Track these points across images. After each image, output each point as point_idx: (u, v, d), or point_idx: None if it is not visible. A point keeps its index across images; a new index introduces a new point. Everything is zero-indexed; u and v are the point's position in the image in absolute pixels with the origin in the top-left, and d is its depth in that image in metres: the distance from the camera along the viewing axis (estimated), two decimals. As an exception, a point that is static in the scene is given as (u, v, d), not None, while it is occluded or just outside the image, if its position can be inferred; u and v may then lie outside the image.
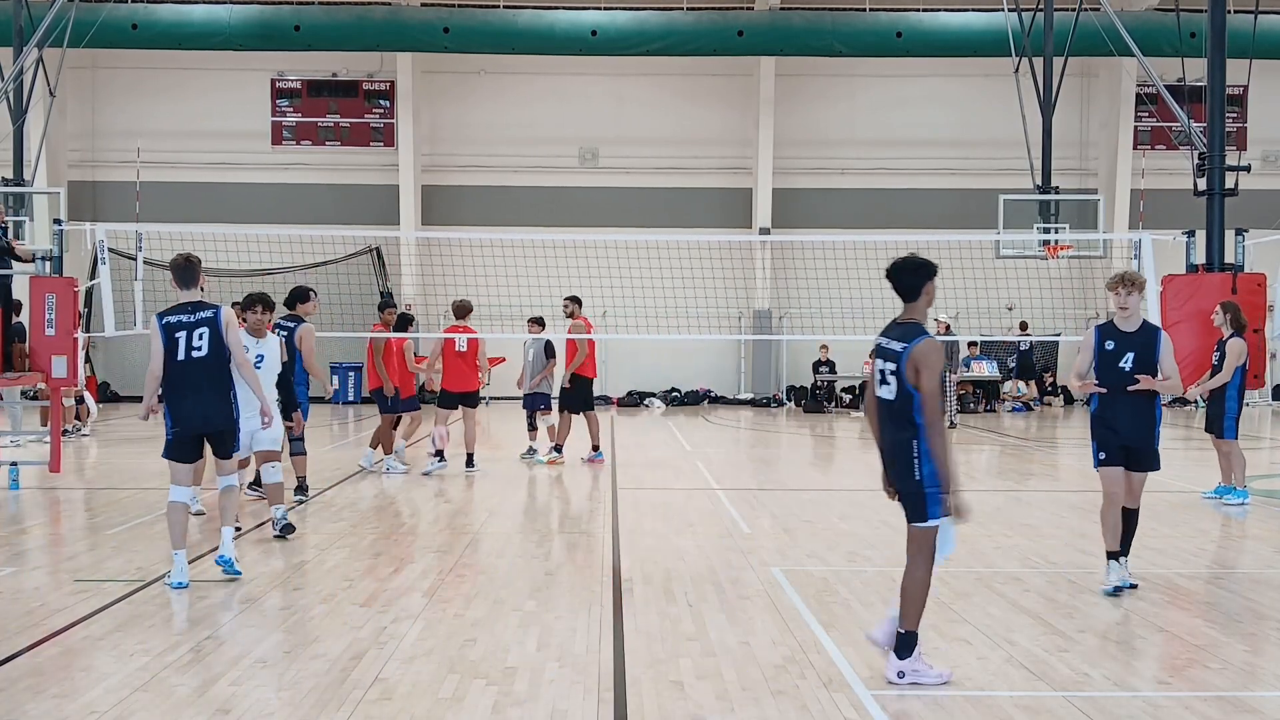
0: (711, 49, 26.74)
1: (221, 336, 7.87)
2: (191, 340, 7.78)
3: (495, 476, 14.07)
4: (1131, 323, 7.90)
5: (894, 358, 5.92)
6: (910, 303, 6.09)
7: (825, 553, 9.32)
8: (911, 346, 5.86)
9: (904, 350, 5.88)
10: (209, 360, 7.82)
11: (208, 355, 7.81)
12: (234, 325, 8.04)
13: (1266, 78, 24.62)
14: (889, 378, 5.95)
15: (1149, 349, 7.82)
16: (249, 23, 25.73)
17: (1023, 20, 24.03)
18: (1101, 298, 28.93)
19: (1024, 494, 13.13)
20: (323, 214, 28.71)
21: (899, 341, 5.95)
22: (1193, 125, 15.91)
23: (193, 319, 7.83)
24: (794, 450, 18.95)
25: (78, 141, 29.50)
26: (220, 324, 7.87)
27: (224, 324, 7.90)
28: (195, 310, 7.87)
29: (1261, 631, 6.99)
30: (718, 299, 26.11)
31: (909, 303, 6.09)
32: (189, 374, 7.79)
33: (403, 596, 7.64)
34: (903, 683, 5.79)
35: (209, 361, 7.82)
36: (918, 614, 5.87)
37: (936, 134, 29.61)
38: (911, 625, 5.85)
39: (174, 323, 7.81)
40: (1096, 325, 8.15)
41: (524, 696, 5.62)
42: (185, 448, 7.91)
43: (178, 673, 5.93)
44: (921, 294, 6.07)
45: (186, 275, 7.96)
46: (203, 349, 7.79)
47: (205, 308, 7.91)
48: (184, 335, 7.78)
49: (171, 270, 8.01)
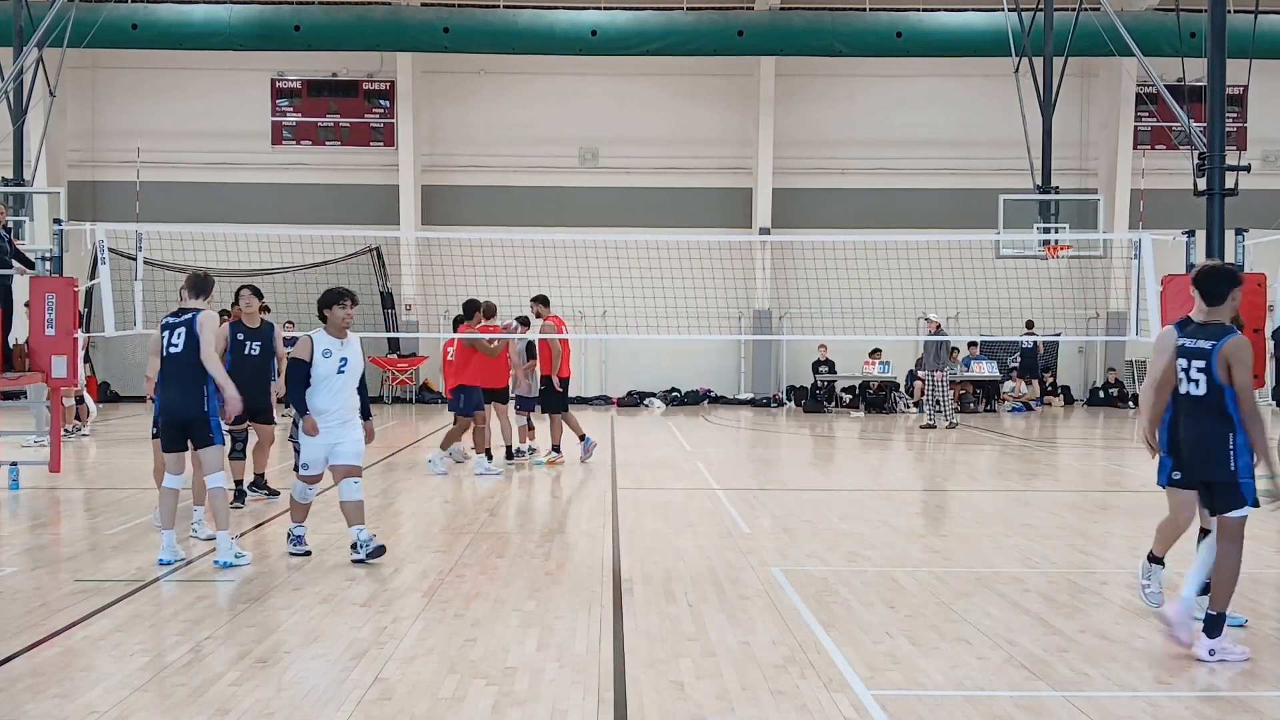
0: (711, 49, 26.73)
1: (196, 335, 8.53)
2: (171, 338, 8.64)
3: (495, 476, 14.06)
4: None
5: (1203, 355, 6.34)
6: (1214, 306, 6.52)
7: (825, 553, 9.32)
8: (1221, 344, 6.28)
9: (1213, 348, 6.29)
10: (182, 355, 8.56)
11: (181, 351, 8.56)
12: (208, 325, 8.60)
13: (1266, 78, 24.60)
14: (1196, 374, 6.36)
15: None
16: (249, 23, 25.72)
17: (1023, 20, 24.02)
18: (1101, 298, 28.97)
19: (1024, 494, 13.13)
20: (323, 214, 28.71)
21: (1207, 340, 6.37)
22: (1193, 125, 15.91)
23: (177, 320, 8.68)
24: (794, 450, 18.95)
25: (78, 141, 29.50)
26: (195, 324, 8.56)
27: (198, 324, 8.56)
28: (181, 313, 8.73)
29: (1261, 631, 6.99)
30: (718, 299, 26.10)
31: (1213, 306, 6.52)
32: (167, 368, 8.71)
33: (403, 596, 7.65)
34: (1212, 660, 6.21)
35: (182, 357, 8.56)
36: (1228, 597, 6.36)
37: (936, 134, 29.60)
38: (1222, 607, 6.32)
39: (165, 324, 8.77)
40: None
41: (524, 696, 5.62)
42: (167, 435, 8.76)
43: (178, 673, 5.93)
44: (1227, 299, 6.51)
45: (197, 287, 8.96)
46: (179, 345, 8.58)
47: (188, 311, 8.71)
48: (168, 334, 8.66)
49: (186, 280, 8.99)
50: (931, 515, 11.81)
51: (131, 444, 17.51)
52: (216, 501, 8.61)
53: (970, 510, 11.94)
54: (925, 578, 8.33)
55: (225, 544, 8.52)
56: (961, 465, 16.48)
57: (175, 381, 8.63)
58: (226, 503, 8.77)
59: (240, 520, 10.41)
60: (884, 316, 24.18)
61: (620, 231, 25.62)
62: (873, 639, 6.67)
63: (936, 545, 9.72)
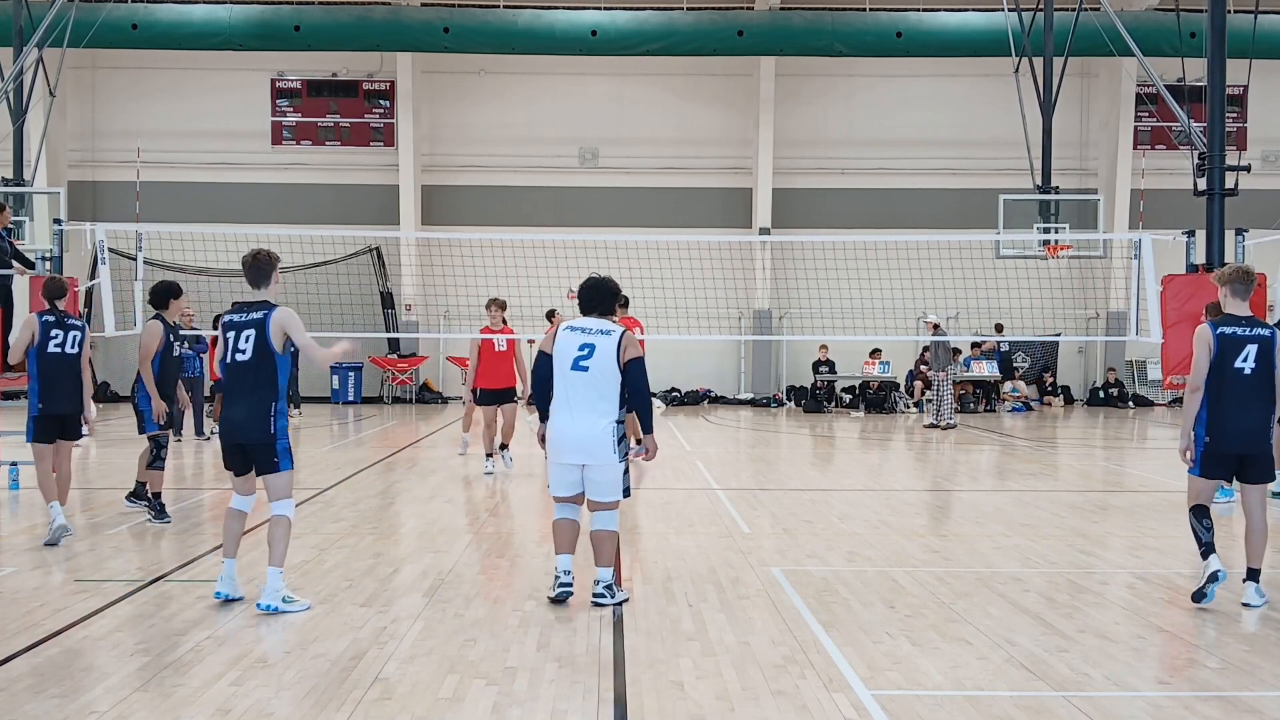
0: (711, 49, 26.75)
1: (266, 338, 7.17)
2: (237, 342, 7.25)
3: (495, 476, 14.07)
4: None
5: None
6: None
7: (825, 553, 9.32)
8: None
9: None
10: (250, 362, 7.22)
11: (250, 358, 7.22)
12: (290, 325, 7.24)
13: (1266, 78, 24.63)
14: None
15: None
16: (249, 23, 25.74)
17: (1022, 20, 24.03)
18: (1101, 298, 28.98)
19: (1024, 494, 13.12)
20: (323, 214, 28.74)
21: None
22: (1193, 125, 15.91)
23: (243, 319, 7.27)
24: (794, 450, 18.94)
25: (78, 141, 29.52)
26: (267, 326, 7.17)
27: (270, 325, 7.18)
28: (248, 310, 7.31)
29: (1261, 631, 6.99)
30: (718, 299, 26.10)
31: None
32: (228, 378, 7.35)
33: (403, 596, 7.64)
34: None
35: (250, 364, 7.22)
36: None
37: (936, 134, 29.62)
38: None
39: (226, 322, 7.37)
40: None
41: (524, 696, 5.61)
42: (231, 458, 7.40)
43: (178, 673, 5.92)
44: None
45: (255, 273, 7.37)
46: (246, 351, 7.21)
47: (257, 308, 7.28)
48: (232, 336, 7.26)
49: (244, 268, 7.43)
50: (931, 515, 11.80)
51: (132, 444, 17.48)
52: (278, 529, 7.25)
53: (970, 510, 11.94)
54: (925, 578, 8.33)
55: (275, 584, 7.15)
56: (961, 465, 16.48)
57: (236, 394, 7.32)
58: (284, 534, 7.28)
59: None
60: (884, 317, 24.21)
61: (620, 231, 25.63)
62: (873, 639, 6.66)
63: (936, 545, 9.72)
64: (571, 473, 7.40)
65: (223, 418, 7.51)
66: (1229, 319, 7.58)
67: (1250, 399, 7.43)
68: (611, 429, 7.30)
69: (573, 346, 7.35)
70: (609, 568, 7.42)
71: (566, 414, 7.35)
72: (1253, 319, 7.59)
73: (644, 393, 7.51)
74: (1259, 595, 7.46)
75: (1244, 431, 7.44)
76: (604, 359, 7.30)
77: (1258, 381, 7.45)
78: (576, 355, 7.33)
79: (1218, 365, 7.45)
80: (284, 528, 7.21)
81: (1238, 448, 7.47)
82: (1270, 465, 7.60)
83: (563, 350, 7.38)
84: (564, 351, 7.38)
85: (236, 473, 7.42)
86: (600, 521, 7.42)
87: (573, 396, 7.33)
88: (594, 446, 7.29)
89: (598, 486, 7.38)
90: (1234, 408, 7.43)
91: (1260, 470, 7.53)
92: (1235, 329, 7.50)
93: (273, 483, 7.25)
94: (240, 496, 7.45)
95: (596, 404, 7.30)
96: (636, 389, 7.42)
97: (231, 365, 7.27)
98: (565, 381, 7.36)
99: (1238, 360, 7.43)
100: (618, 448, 7.32)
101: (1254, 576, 7.51)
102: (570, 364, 7.34)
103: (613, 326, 7.46)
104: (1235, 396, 7.42)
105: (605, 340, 7.34)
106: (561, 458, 7.38)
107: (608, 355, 7.31)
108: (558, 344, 7.41)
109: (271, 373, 7.21)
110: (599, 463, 7.30)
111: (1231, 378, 7.43)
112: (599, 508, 7.42)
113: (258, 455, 7.25)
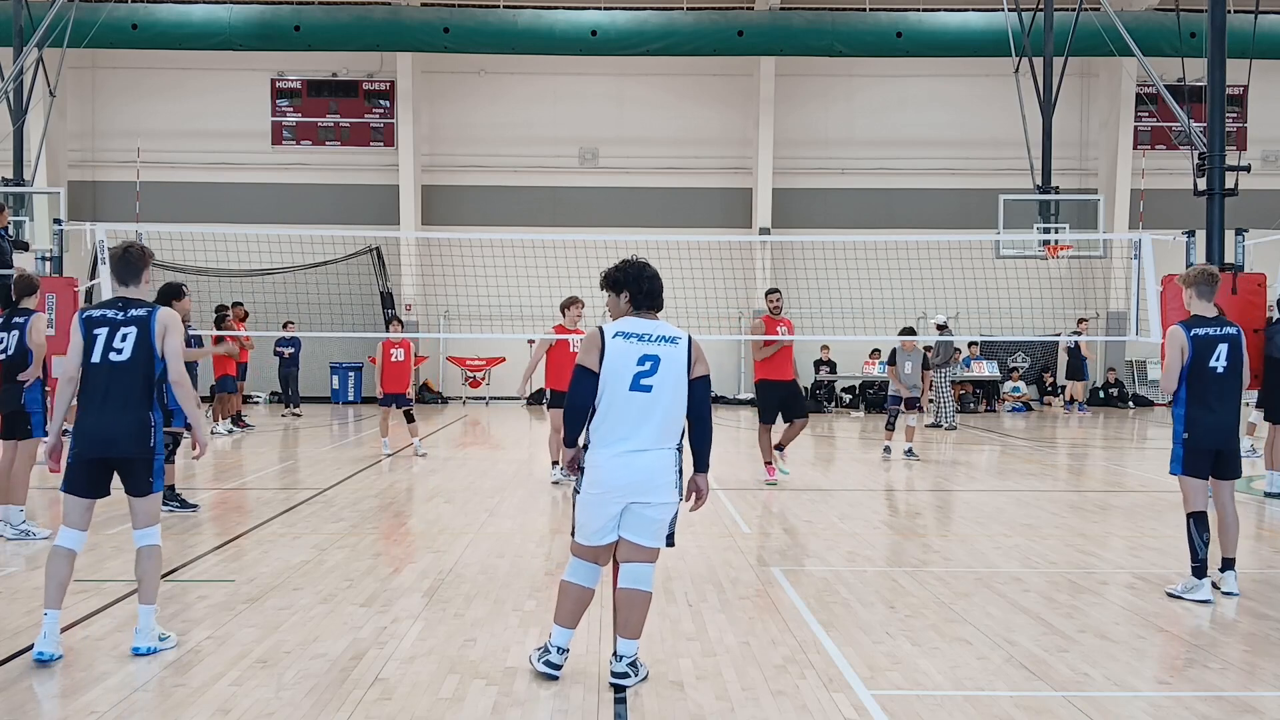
0: (711, 49, 26.75)
1: (150, 338, 6.32)
2: (111, 341, 6.32)
3: (495, 476, 14.07)
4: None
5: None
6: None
7: (825, 553, 9.32)
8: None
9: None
10: (128, 364, 6.30)
11: (128, 359, 6.31)
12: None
13: (1266, 78, 24.63)
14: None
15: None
16: (249, 23, 25.74)
17: (1022, 20, 24.02)
18: (1101, 298, 28.98)
19: (1024, 494, 13.13)
20: (323, 214, 28.74)
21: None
22: (1193, 125, 15.90)
23: (120, 315, 6.39)
24: (794, 450, 18.91)
25: (78, 141, 29.52)
26: (152, 325, 6.33)
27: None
28: (125, 306, 6.46)
29: (1261, 631, 6.99)
30: (718, 299, 26.09)
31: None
32: (95, 381, 6.31)
33: (403, 596, 7.64)
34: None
35: (127, 366, 6.30)
36: None
37: (936, 134, 29.63)
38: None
39: (95, 317, 6.36)
40: None
41: (524, 696, 5.61)
42: (86, 477, 6.31)
43: (178, 673, 5.92)
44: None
45: (125, 268, 6.60)
46: (124, 351, 6.30)
47: (135, 305, 6.44)
48: (104, 333, 6.32)
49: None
50: (931, 515, 11.80)
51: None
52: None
53: (970, 510, 11.95)
54: (925, 578, 8.33)
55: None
56: (961, 465, 16.47)
57: None
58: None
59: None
60: (884, 317, 24.20)
61: (620, 231, 25.64)
62: (873, 639, 6.66)
63: (936, 545, 9.72)
64: (614, 510, 5.75)
65: (83, 428, 6.26)
66: (1199, 320, 7.88)
67: (1225, 396, 7.77)
68: (674, 459, 5.74)
69: (631, 361, 5.65)
70: (637, 640, 5.83)
71: (620, 445, 5.67)
72: (1220, 318, 7.90)
73: (707, 420, 5.88)
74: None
75: (1220, 428, 7.78)
76: (671, 375, 5.69)
77: (1229, 378, 7.78)
78: (637, 371, 5.65)
79: (1195, 366, 7.76)
80: (156, 560, 6.28)
81: (1214, 443, 7.79)
82: (1239, 460, 8.01)
83: (617, 367, 5.65)
84: (619, 368, 5.65)
85: (86, 495, 6.25)
86: (634, 578, 5.78)
87: (630, 423, 5.66)
88: (654, 480, 5.68)
89: (644, 527, 5.74)
90: (1210, 405, 7.76)
91: (1232, 465, 7.91)
92: (1207, 329, 7.82)
93: (143, 507, 6.27)
94: (72, 531, 6.24)
95: (661, 431, 5.68)
96: (699, 415, 5.82)
97: (102, 367, 6.22)
98: (621, 405, 5.66)
99: (1211, 359, 7.76)
100: (679, 481, 5.80)
101: (1230, 565, 7.91)
102: (629, 383, 5.64)
103: (678, 332, 5.81)
104: (1212, 394, 7.76)
105: (672, 351, 5.72)
106: (610, 494, 5.71)
107: (676, 369, 5.71)
108: (609, 358, 5.66)
109: (151, 378, 6.27)
110: (658, 500, 5.71)
111: (1208, 377, 7.76)
112: (638, 557, 5.78)
113: (133, 473, 6.22)
